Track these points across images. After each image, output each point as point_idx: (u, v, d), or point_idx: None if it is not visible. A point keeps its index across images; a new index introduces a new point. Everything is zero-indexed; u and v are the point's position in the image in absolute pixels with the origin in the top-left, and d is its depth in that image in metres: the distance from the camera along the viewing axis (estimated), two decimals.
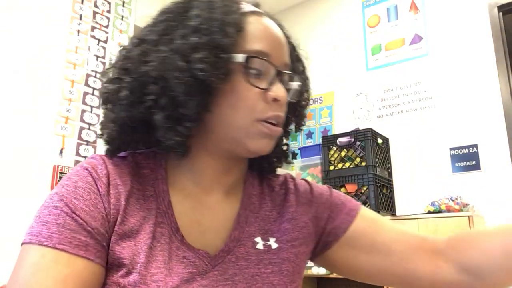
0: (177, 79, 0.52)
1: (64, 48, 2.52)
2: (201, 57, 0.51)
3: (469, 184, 2.62)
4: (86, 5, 2.69)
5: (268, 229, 0.62)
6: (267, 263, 0.58)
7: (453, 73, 2.85)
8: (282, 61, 0.58)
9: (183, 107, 0.52)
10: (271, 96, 0.55)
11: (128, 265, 0.50)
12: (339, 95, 3.38)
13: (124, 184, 0.55)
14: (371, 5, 3.38)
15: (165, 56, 0.53)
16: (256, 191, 0.65)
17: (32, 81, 2.33)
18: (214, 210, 0.59)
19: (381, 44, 3.24)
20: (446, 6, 2.99)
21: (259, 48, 0.55)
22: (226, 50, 0.52)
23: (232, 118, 0.54)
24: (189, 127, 0.53)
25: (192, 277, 0.52)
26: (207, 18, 0.53)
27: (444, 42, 2.94)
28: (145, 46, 0.55)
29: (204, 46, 0.52)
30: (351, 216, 0.65)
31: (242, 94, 0.54)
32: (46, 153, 2.31)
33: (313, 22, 3.67)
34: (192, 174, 0.59)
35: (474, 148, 2.65)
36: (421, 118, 2.92)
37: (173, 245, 0.54)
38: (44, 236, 0.47)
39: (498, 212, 2.51)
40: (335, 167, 2.70)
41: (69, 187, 0.52)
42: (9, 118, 2.20)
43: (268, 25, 0.58)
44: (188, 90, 0.52)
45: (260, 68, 0.55)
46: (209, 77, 0.51)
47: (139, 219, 0.53)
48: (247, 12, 0.57)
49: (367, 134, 2.62)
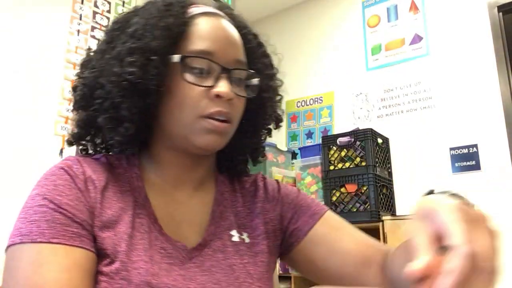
0: (112, 83, 0.56)
1: (64, 48, 2.52)
2: (132, 61, 0.55)
3: (469, 184, 2.62)
4: (86, 5, 2.69)
5: (241, 224, 0.65)
6: (243, 253, 0.60)
7: (453, 73, 2.85)
8: (231, 58, 0.59)
9: (122, 110, 0.56)
10: (214, 92, 0.56)
11: (110, 255, 0.51)
12: (339, 95, 3.38)
13: (99, 180, 0.56)
14: (371, 5, 3.38)
15: (105, 63, 0.58)
16: (228, 188, 0.68)
17: (32, 81, 2.33)
18: (185, 205, 0.62)
19: (381, 44, 3.24)
20: (446, 6, 2.99)
21: (202, 48, 0.57)
22: (157, 53, 0.55)
23: (177, 116, 0.57)
24: (127, 128, 0.57)
25: (170, 267, 0.54)
26: (143, 24, 0.58)
27: (444, 42, 2.94)
28: (95, 55, 0.61)
29: (136, 50, 0.56)
30: (313, 220, 0.66)
31: (185, 93, 0.56)
32: (46, 153, 2.30)
33: (313, 22, 3.67)
34: (160, 171, 0.62)
35: (474, 148, 2.65)
36: (421, 118, 2.92)
37: (152, 235, 0.55)
38: (35, 234, 0.47)
39: (498, 212, 2.51)
40: (335, 167, 2.70)
41: (49, 186, 0.52)
42: (9, 118, 2.20)
43: (215, 25, 0.60)
44: (123, 93, 0.55)
45: (202, 66, 0.57)
46: (140, 79, 0.54)
47: (116, 210, 0.55)
48: (196, 15, 0.60)
49: (367, 134, 2.61)
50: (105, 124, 0.58)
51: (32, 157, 2.24)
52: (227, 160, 0.69)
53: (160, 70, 0.56)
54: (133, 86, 0.55)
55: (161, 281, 0.51)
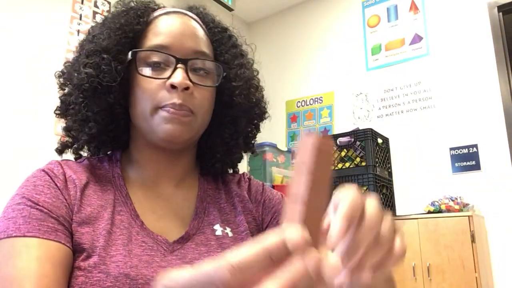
0: (74, 87, 0.60)
1: (64, 48, 2.52)
2: (88, 62, 0.58)
3: (469, 184, 2.62)
4: (86, 5, 2.69)
5: (225, 219, 0.65)
6: (226, 247, 0.60)
7: (453, 73, 2.85)
8: (189, 50, 0.60)
9: (84, 110, 0.59)
10: (168, 83, 0.58)
11: (88, 249, 0.52)
12: (339, 95, 3.38)
13: (80, 179, 0.58)
14: (371, 5, 3.38)
15: (71, 70, 0.62)
16: (211, 185, 0.69)
17: (32, 81, 2.33)
18: (168, 201, 0.63)
19: (381, 44, 3.24)
20: (446, 6, 2.99)
21: (156, 42, 0.60)
22: (109, 51, 0.59)
23: (139, 110, 0.59)
24: (91, 127, 0.60)
25: (151, 259, 0.54)
26: (101, 28, 0.62)
27: (444, 42, 2.94)
28: (68, 63, 0.64)
29: (92, 52, 0.59)
30: None
31: (142, 86, 0.59)
32: (46, 153, 2.30)
33: (313, 22, 3.67)
34: (140, 168, 0.64)
35: (474, 148, 2.65)
36: (421, 118, 2.92)
37: (132, 230, 0.56)
38: (12, 229, 0.49)
39: (498, 212, 2.51)
40: (335, 167, 2.70)
41: (29, 187, 0.54)
42: (9, 118, 2.20)
43: (171, 21, 0.62)
44: (84, 94, 0.59)
45: (159, 60, 0.59)
46: (95, 77, 0.58)
47: (96, 207, 0.56)
48: (157, 16, 0.63)
49: (367, 134, 2.61)
50: (73, 126, 0.62)
51: (32, 157, 2.24)
52: (208, 158, 0.69)
53: (113, 67, 0.58)
54: (90, 86, 0.58)
55: (140, 273, 0.51)
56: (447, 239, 2.24)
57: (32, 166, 0.60)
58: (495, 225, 2.50)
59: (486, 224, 2.51)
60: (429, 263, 2.25)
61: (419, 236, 2.32)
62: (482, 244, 2.36)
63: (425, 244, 2.29)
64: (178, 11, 0.65)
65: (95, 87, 0.58)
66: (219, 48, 0.67)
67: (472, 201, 2.52)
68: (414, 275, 2.28)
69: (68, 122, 0.64)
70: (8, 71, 2.24)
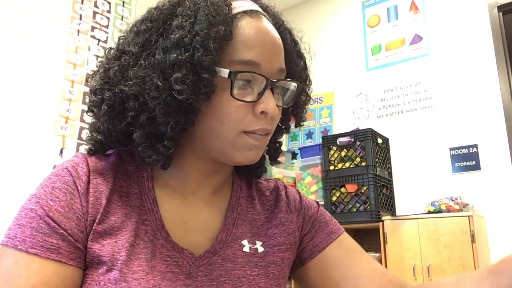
0: (155, 99, 0.50)
1: (64, 48, 2.52)
2: (181, 77, 0.48)
3: (469, 184, 2.62)
4: (86, 5, 2.69)
5: (255, 233, 0.61)
6: (253, 265, 0.57)
7: (453, 73, 2.85)
8: (276, 68, 0.54)
9: (161, 126, 0.51)
10: (259, 108, 0.52)
11: (107, 262, 0.49)
12: (339, 95, 3.38)
13: (106, 182, 0.54)
14: (371, 5, 3.38)
15: (144, 74, 0.50)
16: (244, 193, 0.64)
17: (32, 81, 2.33)
18: (199, 210, 0.59)
19: (381, 44, 3.24)
20: (446, 6, 2.99)
21: (248, 58, 0.52)
22: (209, 69, 0.49)
23: (218, 130, 0.53)
24: (168, 146, 0.52)
25: (175, 277, 0.51)
26: (190, 30, 0.50)
27: (444, 42, 2.94)
28: (124, 59, 0.53)
29: (184, 63, 0.49)
30: (330, 238, 0.64)
31: (228, 107, 0.52)
32: (46, 153, 2.30)
33: (313, 22, 3.67)
34: (179, 175, 0.58)
35: (474, 148, 2.65)
36: (421, 118, 2.92)
37: (157, 243, 0.53)
38: (18, 240, 0.48)
39: (498, 212, 2.51)
40: (335, 167, 2.70)
41: (47, 188, 0.52)
42: (9, 118, 2.20)
43: (260, 29, 0.54)
44: (167, 110, 0.50)
45: (248, 78, 0.52)
46: (189, 98, 0.49)
47: (120, 216, 0.53)
48: (238, 13, 0.54)
49: (367, 134, 2.62)
50: (142, 141, 0.52)
51: (32, 157, 2.24)
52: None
53: (213, 89, 0.50)
54: (178, 104, 0.50)
55: None
56: (447, 239, 2.24)
57: (32, 166, 0.59)
58: (495, 225, 2.50)
59: (486, 224, 2.51)
60: (429, 263, 2.25)
61: (419, 236, 2.32)
62: (482, 244, 2.35)
63: (425, 244, 2.30)
64: (256, 10, 0.56)
65: (185, 105, 0.50)
66: (288, 57, 0.59)
67: (472, 201, 2.52)
68: (414, 275, 2.28)
69: (118, 127, 0.54)
70: (8, 71, 2.24)
